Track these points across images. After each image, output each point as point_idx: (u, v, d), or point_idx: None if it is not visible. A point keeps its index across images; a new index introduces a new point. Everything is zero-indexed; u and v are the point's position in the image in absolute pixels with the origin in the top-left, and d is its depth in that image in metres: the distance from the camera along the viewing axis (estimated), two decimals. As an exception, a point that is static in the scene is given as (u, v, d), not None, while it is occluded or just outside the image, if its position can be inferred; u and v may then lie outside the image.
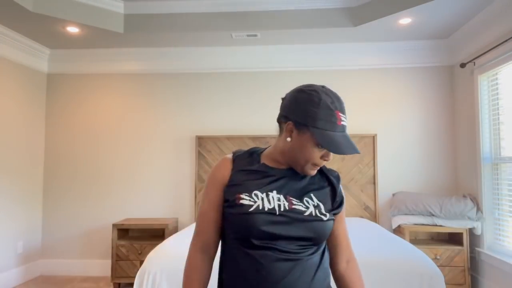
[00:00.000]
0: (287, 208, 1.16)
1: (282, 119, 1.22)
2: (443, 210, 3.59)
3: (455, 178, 4.16)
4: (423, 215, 3.68)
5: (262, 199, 1.16)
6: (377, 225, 3.59)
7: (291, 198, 1.18)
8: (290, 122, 1.17)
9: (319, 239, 1.18)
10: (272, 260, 1.13)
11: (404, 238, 3.60)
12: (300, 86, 1.21)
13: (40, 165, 4.42)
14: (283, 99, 1.24)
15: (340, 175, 4.14)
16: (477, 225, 3.55)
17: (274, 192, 1.18)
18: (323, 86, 1.18)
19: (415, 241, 3.84)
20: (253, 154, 1.29)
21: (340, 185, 1.30)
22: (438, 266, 3.54)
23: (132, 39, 4.08)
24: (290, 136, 1.18)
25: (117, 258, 3.85)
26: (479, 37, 3.60)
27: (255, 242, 1.14)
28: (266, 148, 1.31)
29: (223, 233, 1.25)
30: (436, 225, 3.64)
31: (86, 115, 4.49)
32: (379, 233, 3.16)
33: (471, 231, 3.72)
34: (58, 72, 4.53)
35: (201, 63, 4.42)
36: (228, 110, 4.41)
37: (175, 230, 4.17)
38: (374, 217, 4.09)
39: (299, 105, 1.15)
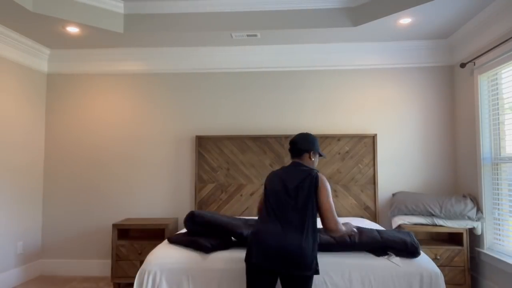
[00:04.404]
0: None
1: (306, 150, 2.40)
2: (443, 210, 3.60)
3: (455, 178, 4.16)
4: (423, 215, 3.68)
5: None
6: (377, 225, 3.59)
7: None
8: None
9: None
10: None
11: (404, 238, 3.60)
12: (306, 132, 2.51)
13: (40, 165, 4.42)
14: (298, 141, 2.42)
15: (340, 175, 4.15)
16: (477, 225, 3.55)
17: None
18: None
19: (415, 241, 3.83)
20: None
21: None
22: (438, 266, 3.54)
23: (132, 39, 4.08)
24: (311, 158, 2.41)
25: (117, 258, 3.85)
26: (479, 37, 3.60)
27: None
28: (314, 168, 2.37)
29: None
30: (436, 225, 3.64)
31: (86, 115, 4.49)
32: (379, 233, 3.16)
33: (471, 231, 3.72)
34: (58, 72, 4.53)
35: (201, 63, 4.43)
36: (228, 110, 4.41)
37: (175, 230, 4.17)
38: (374, 217, 4.09)
39: (314, 141, 2.44)
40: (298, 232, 2.16)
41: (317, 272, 2.17)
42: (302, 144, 2.41)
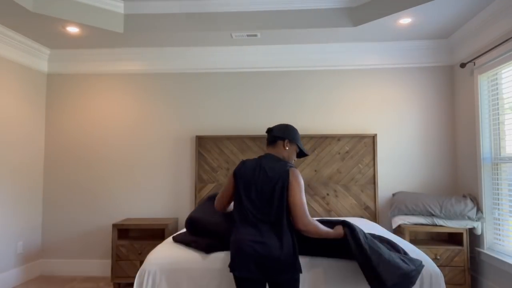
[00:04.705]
0: None
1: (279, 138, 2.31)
2: (443, 210, 3.60)
3: (455, 178, 4.16)
4: (423, 215, 3.68)
5: None
6: (377, 225, 3.59)
7: None
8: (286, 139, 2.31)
9: None
10: None
11: (404, 238, 3.60)
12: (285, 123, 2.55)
13: (40, 165, 4.42)
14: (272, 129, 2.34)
15: (340, 175, 4.15)
16: (477, 225, 3.55)
17: None
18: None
19: (415, 241, 3.84)
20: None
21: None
22: (438, 266, 3.54)
23: (132, 39, 4.08)
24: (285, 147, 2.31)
25: (117, 258, 3.85)
26: (479, 37, 3.60)
27: None
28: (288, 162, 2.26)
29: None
30: (436, 225, 3.64)
31: (86, 115, 4.49)
32: (379, 233, 3.16)
33: (471, 231, 3.72)
34: (58, 72, 4.53)
35: (201, 63, 4.43)
36: (228, 110, 4.41)
37: (175, 230, 4.18)
38: (374, 217, 4.09)
39: (292, 131, 2.34)
40: (278, 234, 2.08)
41: (300, 271, 2.09)
42: (276, 131, 2.32)
